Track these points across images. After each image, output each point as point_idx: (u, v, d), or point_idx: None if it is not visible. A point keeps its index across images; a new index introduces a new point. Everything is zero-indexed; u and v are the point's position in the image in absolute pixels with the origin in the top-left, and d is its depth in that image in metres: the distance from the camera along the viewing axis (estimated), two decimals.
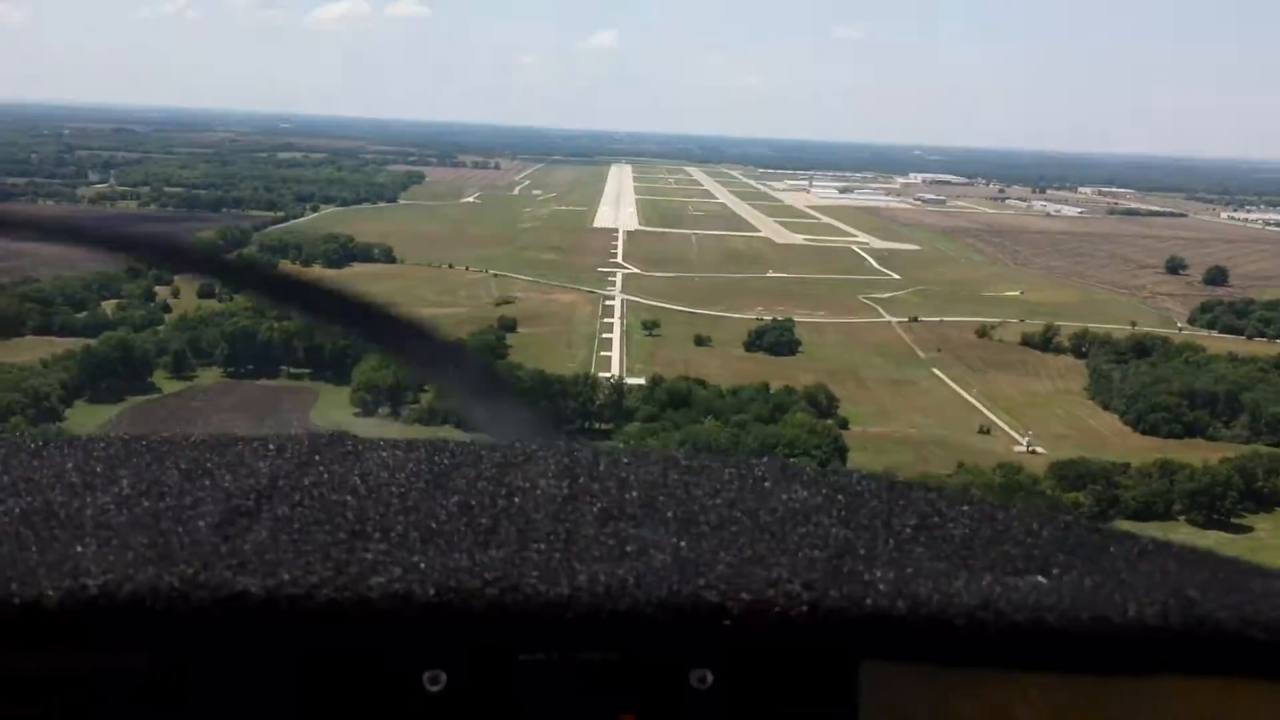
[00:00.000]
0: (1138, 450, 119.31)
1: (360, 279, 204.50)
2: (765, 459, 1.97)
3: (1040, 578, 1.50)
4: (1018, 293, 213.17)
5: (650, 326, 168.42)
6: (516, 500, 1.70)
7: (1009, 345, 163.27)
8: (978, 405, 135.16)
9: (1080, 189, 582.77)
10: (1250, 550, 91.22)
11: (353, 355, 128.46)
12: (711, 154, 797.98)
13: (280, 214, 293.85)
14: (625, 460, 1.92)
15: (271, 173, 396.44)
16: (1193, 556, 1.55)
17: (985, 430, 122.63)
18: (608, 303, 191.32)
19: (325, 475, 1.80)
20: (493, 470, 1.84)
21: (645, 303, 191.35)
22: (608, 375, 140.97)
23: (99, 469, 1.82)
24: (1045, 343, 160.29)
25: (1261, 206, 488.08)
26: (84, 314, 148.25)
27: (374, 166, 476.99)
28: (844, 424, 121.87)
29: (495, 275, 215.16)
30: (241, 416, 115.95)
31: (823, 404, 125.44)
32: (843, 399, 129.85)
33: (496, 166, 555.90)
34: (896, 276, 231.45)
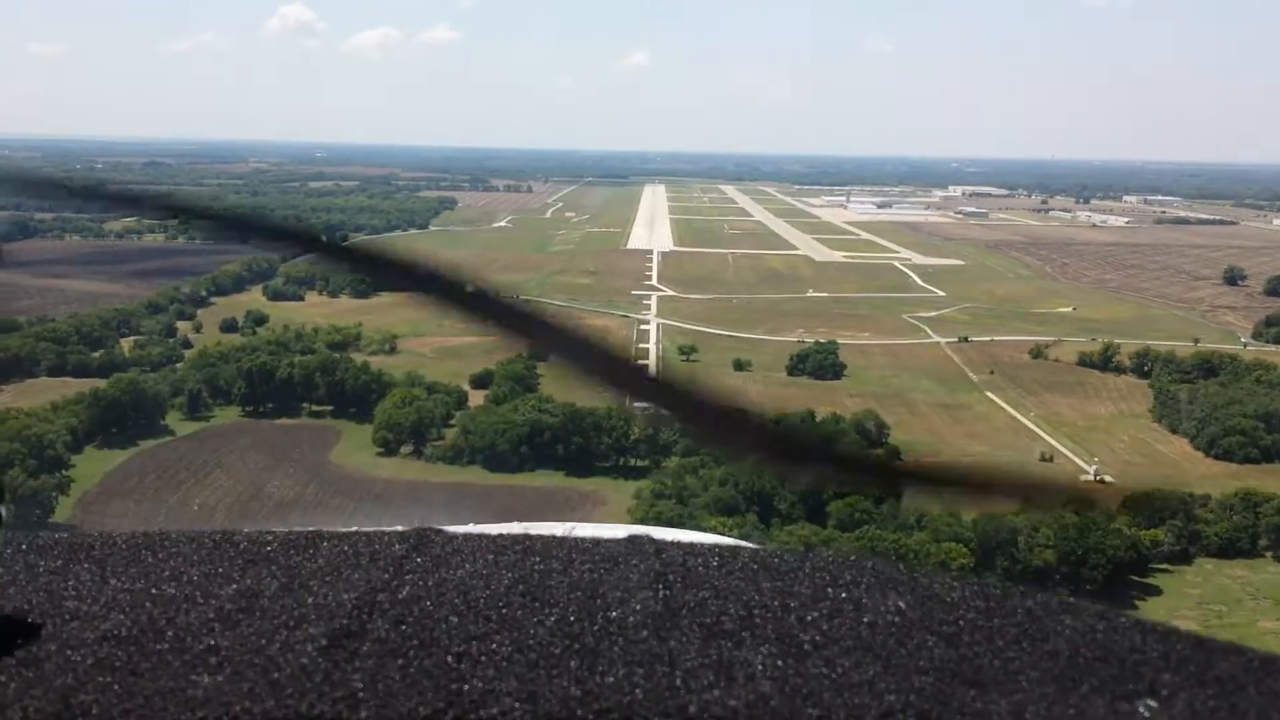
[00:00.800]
0: (1212, 478, 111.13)
1: (384, 309, 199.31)
2: (854, 558, 1.94)
3: (1151, 702, 1.45)
4: (1070, 309, 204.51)
5: (687, 351, 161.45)
6: (614, 615, 1.65)
7: (1066, 365, 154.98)
8: (1037, 430, 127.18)
9: (1125, 198, 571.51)
10: None
11: (376, 391, 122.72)
12: (746, 171, 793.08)
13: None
14: (715, 563, 1.88)
15: (301, 202, 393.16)
16: None
17: (1047, 458, 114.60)
18: (643, 327, 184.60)
19: (422, 585, 1.75)
20: (585, 577, 1.80)
21: (682, 326, 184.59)
22: (642, 407, 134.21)
23: (196, 576, 1.80)
24: (1105, 362, 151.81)
25: None
26: (99, 353, 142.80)
27: (406, 193, 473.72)
28: (896, 454, 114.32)
29: (526, 300, 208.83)
30: (256, 457, 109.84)
31: (872, 432, 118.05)
32: (893, 425, 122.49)
33: (529, 190, 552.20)
34: (942, 293, 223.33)
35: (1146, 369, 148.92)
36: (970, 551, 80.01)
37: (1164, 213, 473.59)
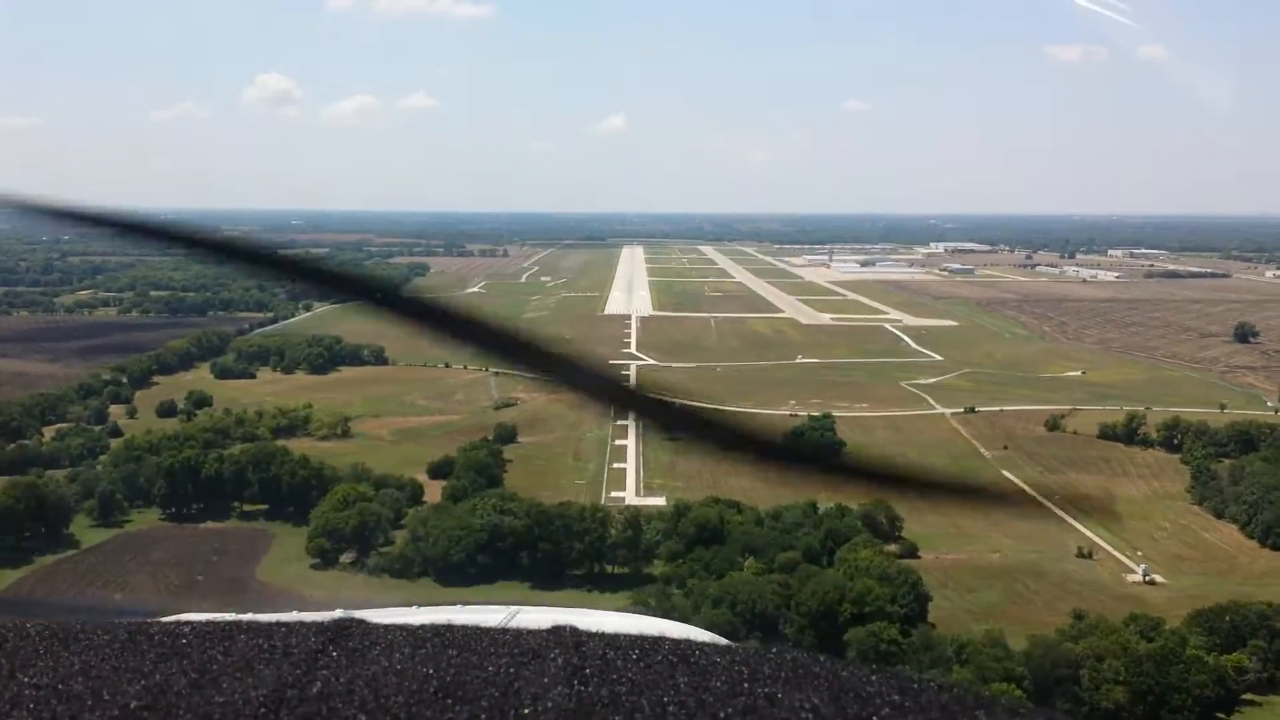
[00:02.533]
0: (1275, 573, 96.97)
1: (342, 385, 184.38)
2: (775, 652, 1.91)
3: None
4: (1079, 373, 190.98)
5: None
6: (527, 712, 1.62)
7: (1086, 438, 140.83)
8: (1064, 516, 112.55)
9: (1110, 252, 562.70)
10: None
11: (317, 487, 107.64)
12: (724, 231, 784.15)
13: (270, 314, 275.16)
14: (634, 655, 1.84)
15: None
16: None
17: (1085, 553, 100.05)
18: None
19: (334, 682, 1.70)
20: (501, 673, 1.76)
21: None
22: (620, 496, 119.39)
23: (106, 671, 1.74)
24: (1130, 434, 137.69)
25: None
26: (13, 446, 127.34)
27: (378, 259, 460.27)
28: (912, 550, 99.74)
29: (495, 374, 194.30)
30: (168, 574, 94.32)
31: (883, 526, 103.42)
32: (903, 514, 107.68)
33: (504, 254, 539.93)
34: (939, 357, 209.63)
35: (1176, 441, 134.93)
36: (1024, 691, 64.94)
37: (1152, 266, 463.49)
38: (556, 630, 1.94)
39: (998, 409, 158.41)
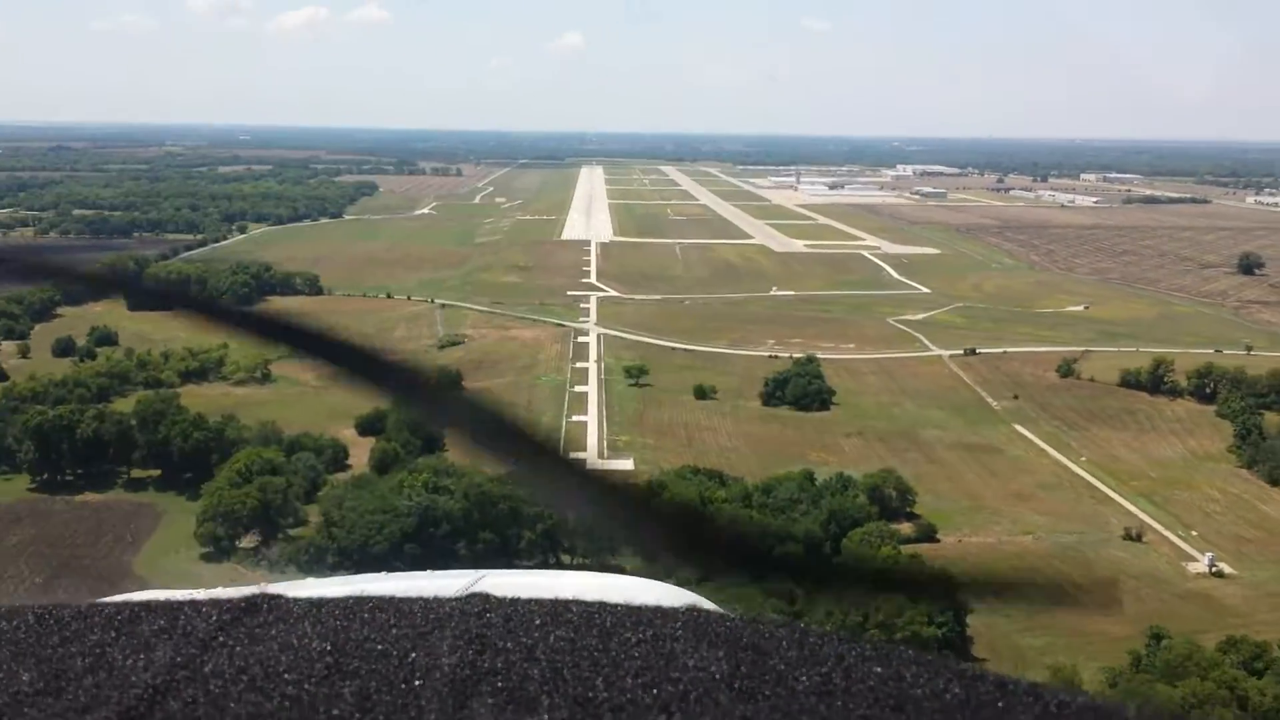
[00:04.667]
0: None
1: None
2: (684, 611, 1.91)
3: None
4: (1082, 308, 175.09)
5: (636, 374, 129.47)
6: (416, 684, 1.63)
7: (1105, 386, 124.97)
8: (1099, 485, 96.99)
9: (1082, 175, 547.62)
10: None
11: (217, 451, 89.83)
12: (686, 152, 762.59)
13: (200, 237, 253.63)
14: (538, 622, 1.84)
15: (203, 189, 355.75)
16: None
17: (1134, 535, 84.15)
18: (580, 339, 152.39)
19: (225, 662, 1.70)
20: (398, 645, 1.77)
21: (627, 337, 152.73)
22: (580, 458, 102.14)
23: (4, 656, 1.75)
24: (1155, 382, 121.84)
25: None
26: None
27: (323, 177, 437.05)
28: (930, 533, 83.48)
29: (443, 305, 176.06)
30: (25, 565, 76.55)
31: (892, 500, 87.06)
32: (913, 481, 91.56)
33: (458, 173, 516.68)
34: (925, 290, 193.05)
35: (1209, 390, 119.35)
36: None
37: (1129, 191, 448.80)
38: (468, 599, 1.94)
39: (1000, 350, 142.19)
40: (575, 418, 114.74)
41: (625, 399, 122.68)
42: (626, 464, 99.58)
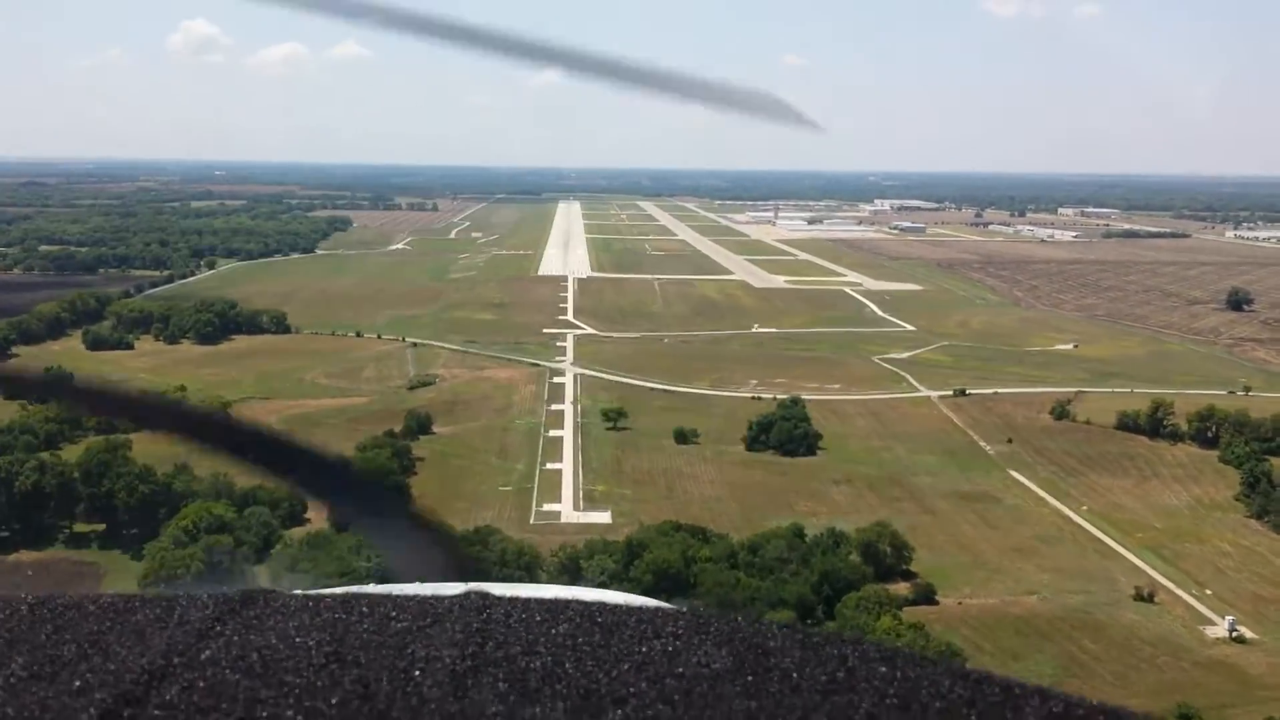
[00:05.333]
0: None
1: (233, 358, 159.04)
2: (684, 609, 1.93)
3: None
4: (1071, 346, 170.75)
5: (614, 417, 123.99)
6: (417, 675, 1.63)
7: (1101, 429, 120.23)
8: (1102, 537, 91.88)
9: (1060, 210, 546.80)
10: None
11: (165, 504, 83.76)
12: (663, 186, 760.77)
13: (167, 273, 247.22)
14: (538, 618, 1.85)
15: (174, 224, 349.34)
16: None
17: (1146, 595, 78.86)
18: (556, 379, 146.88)
19: (223, 650, 1.71)
20: (397, 637, 1.77)
21: (605, 377, 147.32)
22: (554, 510, 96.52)
23: (1, 642, 1.77)
24: (1154, 426, 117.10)
25: (1259, 224, 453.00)
26: None
27: (297, 213, 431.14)
28: (929, 593, 78.05)
29: (414, 344, 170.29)
30: None
31: (887, 558, 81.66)
32: (908, 533, 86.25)
33: (434, 208, 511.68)
34: (910, 327, 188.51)
35: (1210, 434, 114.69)
36: None
37: (1108, 225, 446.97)
38: (465, 596, 1.94)
39: (990, 391, 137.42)
40: (550, 465, 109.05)
41: (603, 444, 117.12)
42: (604, 517, 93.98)
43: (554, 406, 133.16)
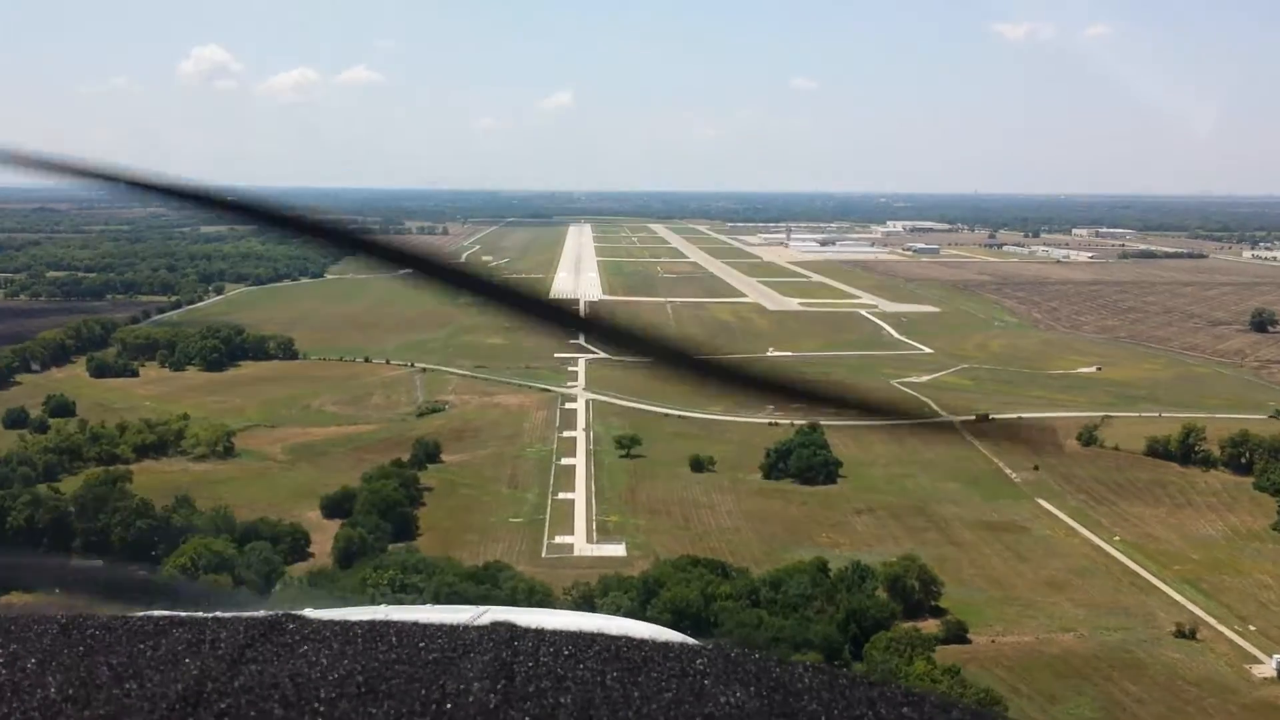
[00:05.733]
0: None
1: (239, 385, 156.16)
2: (711, 646, 1.92)
3: None
4: (1094, 369, 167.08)
5: (627, 444, 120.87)
6: (449, 707, 1.63)
7: (1131, 455, 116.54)
8: (1137, 569, 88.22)
9: (1074, 231, 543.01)
10: None
11: (163, 541, 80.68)
12: (673, 209, 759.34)
13: (175, 298, 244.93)
14: (566, 652, 1.85)
15: (183, 249, 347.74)
16: None
17: (1187, 632, 75.18)
18: (568, 405, 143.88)
19: (256, 677, 1.70)
20: (427, 669, 1.76)
21: (617, 403, 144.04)
22: (567, 542, 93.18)
23: (31, 664, 1.75)
24: (1186, 452, 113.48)
25: (1276, 243, 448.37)
26: None
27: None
28: (960, 631, 74.45)
29: (423, 370, 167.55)
30: None
31: (914, 593, 78.13)
32: (932, 565, 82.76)
33: (444, 231, 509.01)
34: (928, 350, 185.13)
35: (1244, 460, 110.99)
36: None
37: (1124, 246, 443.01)
38: (493, 627, 1.94)
39: (1015, 416, 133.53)
40: (562, 495, 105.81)
41: (616, 472, 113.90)
42: (618, 550, 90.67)
43: (566, 433, 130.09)
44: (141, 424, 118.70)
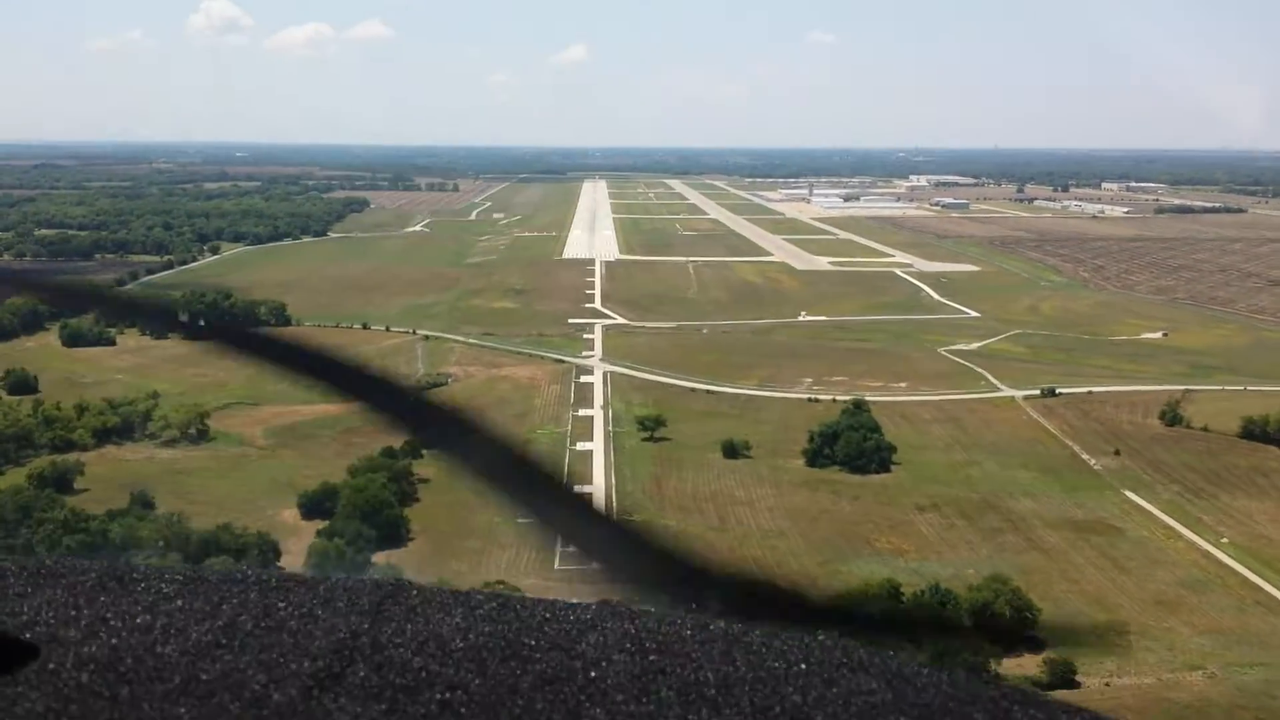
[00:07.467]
0: None
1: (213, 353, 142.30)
2: (822, 639, 1.93)
3: None
4: (1159, 335, 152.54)
5: (651, 425, 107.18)
6: (594, 674, 1.65)
7: (1224, 438, 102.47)
8: (1258, 581, 74.51)
9: (1104, 185, 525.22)
10: None
11: (103, 558, 66.62)
12: (690, 165, 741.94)
13: (168, 258, 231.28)
14: (689, 633, 1.86)
15: (181, 206, 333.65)
16: None
17: None
18: (584, 378, 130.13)
19: (399, 633, 1.74)
20: (561, 637, 1.79)
21: (639, 375, 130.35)
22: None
23: (170, 609, 1.79)
24: None
25: None
26: None
27: (313, 194, 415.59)
28: (1066, 674, 60.78)
29: (425, 337, 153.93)
30: None
31: (1005, 622, 64.37)
32: (1014, 576, 69.25)
33: (455, 188, 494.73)
34: (974, 314, 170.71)
35: None
36: None
37: (1158, 200, 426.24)
38: (606, 604, 1.93)
39: (1084, 390, 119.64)
40: (577, 489, 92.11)
41: (638, 459, 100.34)
42: None
43: (581, 411, 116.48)
44: (104, 404, 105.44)
